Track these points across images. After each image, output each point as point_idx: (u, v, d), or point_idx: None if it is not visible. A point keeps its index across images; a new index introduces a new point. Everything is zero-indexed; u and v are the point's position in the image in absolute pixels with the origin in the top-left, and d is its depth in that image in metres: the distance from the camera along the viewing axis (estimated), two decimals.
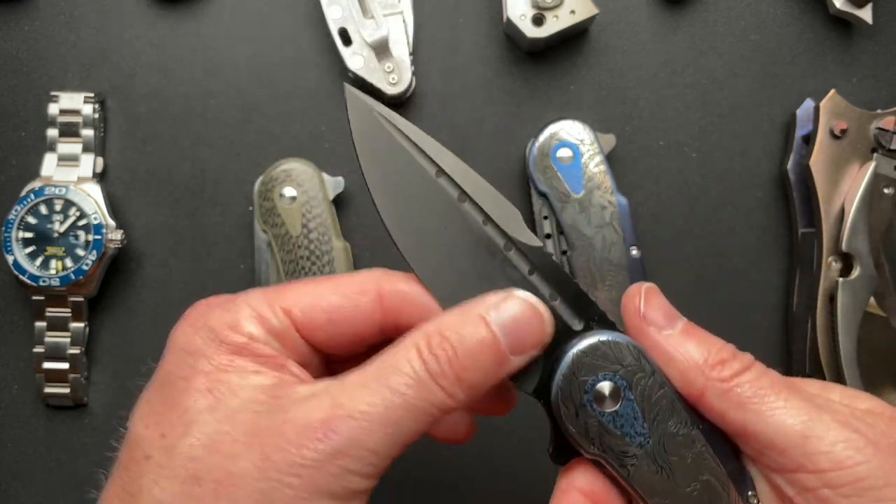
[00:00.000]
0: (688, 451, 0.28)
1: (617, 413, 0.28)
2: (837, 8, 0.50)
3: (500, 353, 0.28)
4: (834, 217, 0.48)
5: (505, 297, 0.29)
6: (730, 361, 0.29)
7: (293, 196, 0.48)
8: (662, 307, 0.30)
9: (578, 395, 0.29)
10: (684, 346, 0.29)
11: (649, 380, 0.29)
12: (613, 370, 0.29)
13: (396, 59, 0.49)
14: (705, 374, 0.28)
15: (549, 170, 0.48)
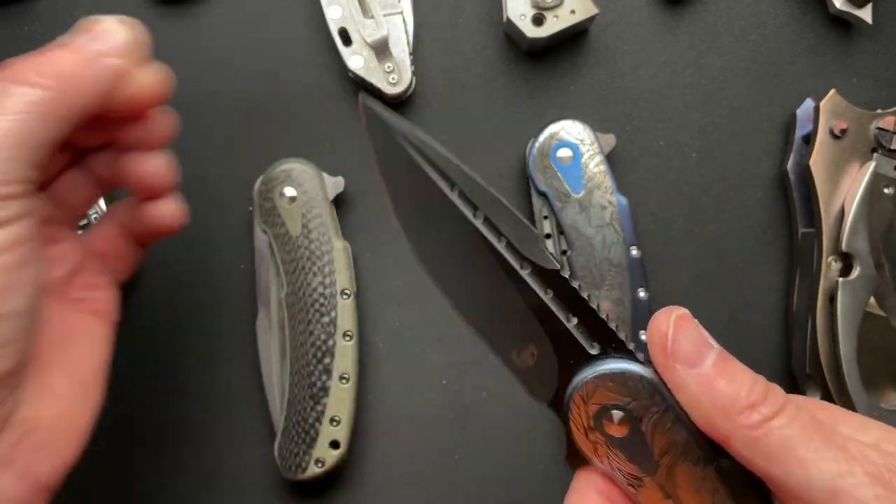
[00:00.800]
0: (698, 486, 0.28)
1: (626, 440, 0.28)
2: (837, 8, 0.50)
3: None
4: (834, 217, 0.48)
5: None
6: (760, 405, 0.27)
7: (293, 196, 0.48)
8: (692, 339, 0.28)
9: (587, 420, 0.29)
10: (712, 387, 0.27)
11: (663, 416, 0.28)
12: (625, 402, 0.28)
13: (396, 59, 0.49)
14: (732, 419, 0.27)
15: (549, 170, 0.48)
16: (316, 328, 0.47)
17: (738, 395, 0.27)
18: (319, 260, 0.48)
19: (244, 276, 0.51)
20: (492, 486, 0.50)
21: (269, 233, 0.48)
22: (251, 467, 0.50)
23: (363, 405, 0.50)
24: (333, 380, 0.47)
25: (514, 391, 0.50)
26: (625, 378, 0.28)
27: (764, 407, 0.27)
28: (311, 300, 0.47)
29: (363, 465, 0.50)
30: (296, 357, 0.47)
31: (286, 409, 0.47)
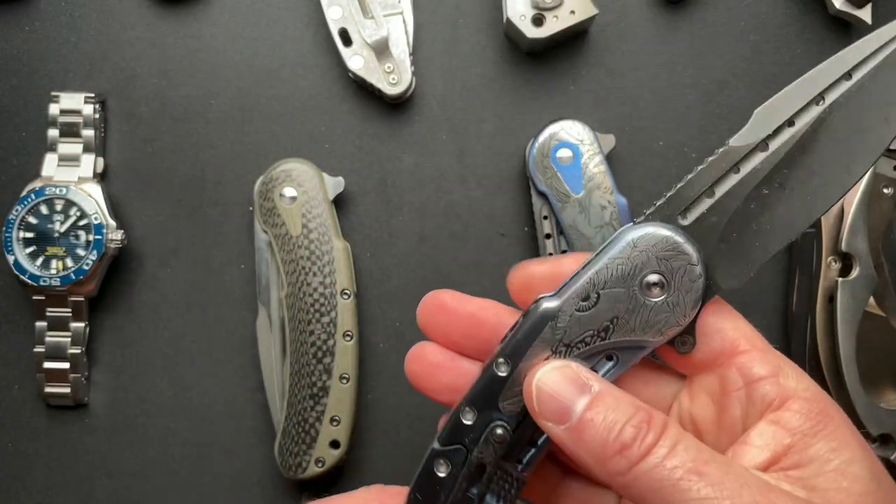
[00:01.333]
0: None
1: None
2: (837, 8, 0.50)
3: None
4: (833, 217, 0.48)
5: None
6: (630, 447, 0.27)
7: (293, 196, 0.48)
8: (559, 393, 0.28)
9: None
10: (585, 437, 0.27)
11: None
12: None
13: (396, 59, 0.49)
14: (605, 466, 0.27)
15: (549, 170, 0.48)
16: (316, 328, 0.47)
17: (606, 441, 0.27)
18: (319, 260, 0.48)
19: (244, 276, 0.51)
20: None
21: (269, 233, 0.48)
22: (251, 467, 0.50)
23: (363, 405, 0.50)
24: (333, 380, 0.47)
25: None
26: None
27: (636, 446, 0.27)
28: (311, 300, 0.47)
29: (363, 465, 0.50)
30: (296, 357, 0.47)
31: (286, 409, 0.47)
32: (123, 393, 0.51)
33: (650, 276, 0.29)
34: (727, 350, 0.30)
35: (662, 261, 0.29)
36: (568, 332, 0.29)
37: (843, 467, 0.27)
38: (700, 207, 0.31)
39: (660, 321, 0.29)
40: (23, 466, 0.50)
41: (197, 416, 0.50)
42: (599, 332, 0.29)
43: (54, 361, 0.49)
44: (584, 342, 0.29)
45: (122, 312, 0.51)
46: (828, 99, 0.29)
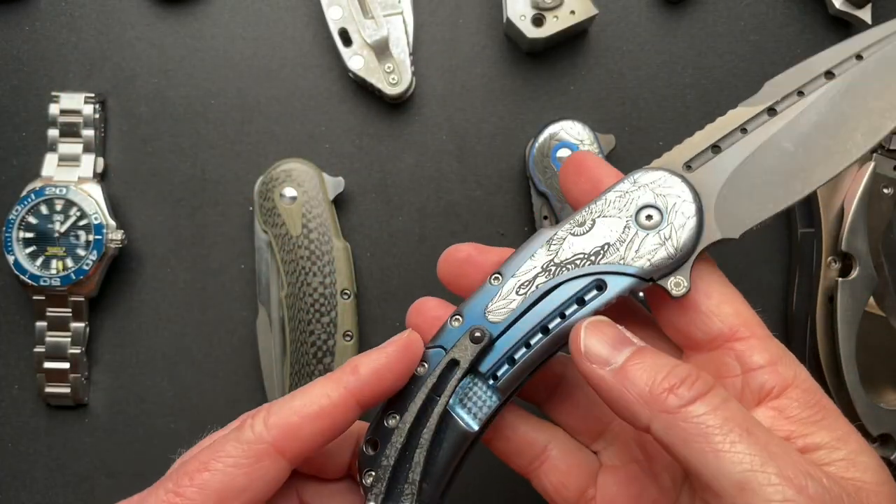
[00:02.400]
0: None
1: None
2: (837, 8, 0.50)
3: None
4: (833, 217, 0.48)
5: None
6: (679, 388, 0.27)
7: (293, 196, 0.48)
8: (605, 340, 0.29)
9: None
10: (627, 377, 0.28)
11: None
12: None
13: (396, 59, 0.49)
14: (650, 404, 0.27)
15: (549, 170, 0.48)
16: (316, 328, 0.47)
17: (655, 380, 0.27)
18: (319, 260, 0.48)
19: (244, 276, 0.51)
20: (492, 486, 0.50)
21: (270, 233, 0.48)
22: None
23: None
24: None
25: None
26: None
27: (685, 389, 0.27)
28: (311, 300, 0.47)
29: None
30: (296, 357, 0.47)
31: None
32: (123, 393, 0.51)
33: (645, 209, 0.30)
34: (725, 334, 0.30)
35: (659, 196, 0.30)
36: (560, 253, 0.30)
37: (853, 457, 0.27)
38: (704, 159, 0.31)
39: (650, 252, 0.30)
40: (23, 466, 0.50)
41: (197, 416, 0.50)
42: (589, 256, 0.30)
43: (54, 361, 0.49)
44: (574, 263, 0.30)
45: (122, 312, 0.51)
46: (837, 75, 0.30)
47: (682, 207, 0.30)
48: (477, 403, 0.30)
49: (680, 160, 0.31)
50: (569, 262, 0.30)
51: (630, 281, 0.30)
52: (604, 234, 0.30)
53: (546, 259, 0.30)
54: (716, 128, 0.32)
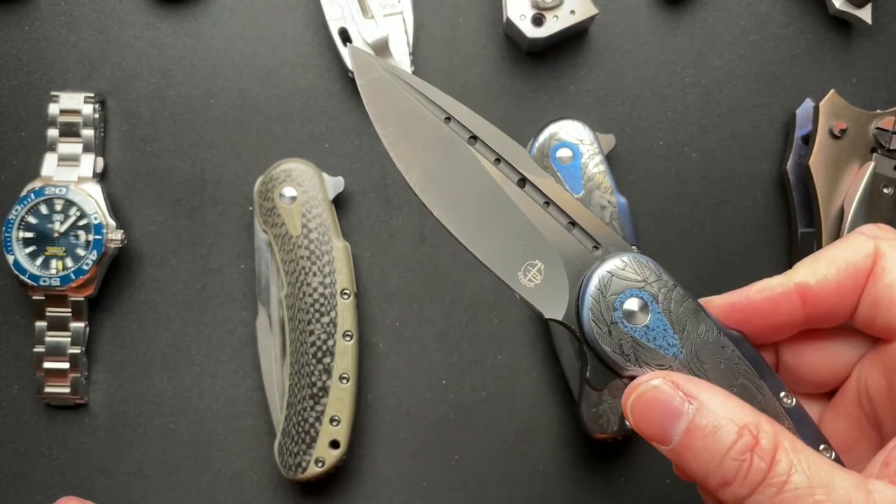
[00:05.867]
0: (720, 357, 0.29)
1: (648, 327, 0.29)
2: (837, 8, 0.50)
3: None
4: (833, 217, 0.48)
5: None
6: (730, 484, 0.26)
7: (293, 196, 0.48)
8: (655, 417, 0.28)
9: (609, 314, 0.29)
10: (685, 462, 0.27)
11: (672, 292, 0.29)
12: (639, 286, 0.29)
13: (396, 60, 0.49)
14: (718, 497, 0.26)
15: (549, 170, 0.48)
16: (316, 328, 0.47)
17: (708, 473, 0.26)
18: (319, 260, 0.48)
19: (244, 276, 0.51)
20: (492, 486, 0.50)
21: (269, 232, 0.48)
22: (251, 467, 0.50)
23: (363, 405, 0.50)
24: (333, 380, 0.47)
25: (513, 391, 0.50)
26: (634, 264, 0.29)
27: (736, 486, 0.26)
28: (311, 300, 0.47)
29: (363, 464, 0.50)
30: (296, 357, 0.47)
31: (286, 409, 0.47)
32: (123, 393, 0.51)
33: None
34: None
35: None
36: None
37: None
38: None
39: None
40: (23, 466, 0.50)
41: (197, 416, 0.50)
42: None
43: (54, 361, 0.49)
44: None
45: (122, 312, 0.51)
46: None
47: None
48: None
49: None
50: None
51: None
52: None
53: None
54: None
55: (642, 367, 0.29)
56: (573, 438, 0.50)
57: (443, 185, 0.30)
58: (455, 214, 0.30)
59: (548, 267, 0.30)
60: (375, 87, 0.31)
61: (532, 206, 0.30)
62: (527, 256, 0.30)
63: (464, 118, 0.31)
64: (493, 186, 0.30)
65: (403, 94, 0.31)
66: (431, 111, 0.31)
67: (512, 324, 0.51)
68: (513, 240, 0.30)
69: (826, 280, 0.29)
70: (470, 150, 0.31)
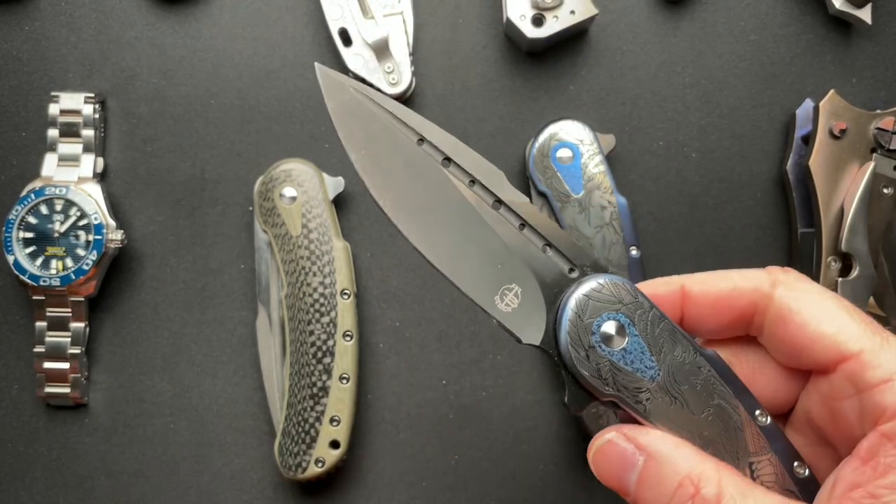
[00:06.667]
0: (696, 377, 0.29)
1: (625, 350, 0.29)
2: (837, 8, 0.50)
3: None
4: (833, 217, 0.48)
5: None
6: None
7: (293, 196, 0.48)
8: (612, 470, 0.29)
9: (587, 338, 0.29)
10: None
11: (648, 314, 0.29)
12: (615, 309, 0.29)
13: (396, 60, 0.49)
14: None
15: (549, 170, 0.48)
16: (316, 328, 0.47)
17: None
18: (319, 260, 0.48)
19: (244, 276, 0.51)
20: (492, 486, 0.50)
21: (269, 232, 0.48)
22: (251, 467, 0.50)
23: (363, 405, 0.50)
24: (333, 380, 0.47)
25: (513, 391, 0.50)
26: (610, 286, 0.29)
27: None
28: (311, 300, 0.47)
29: (363, 464, 0.50)
30: (296, 357, 0.47)
31: (286, 409, 0.47)
32: (123, 393, 0.51)
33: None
34: (833, 358, 0.28)
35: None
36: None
37: None
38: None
39: None
40: (23, 466, 0.50)
41: (197, 416, 0.50)
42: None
43: (54, 361, 0.49)
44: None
45: (122, 312, 0.51)
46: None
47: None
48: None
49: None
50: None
51: None
52: None
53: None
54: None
55: (620, 391, 0.29)
56: (573, 438, 0.50)
57: (416, 209, 0.30)
58: (430, 239, 0.30)
59: (524, 290, 0.30)
60: (346, 109, 0.31)
61: (508, 229, 0.30)
62: (503, 280, 0.30)
63: (437, 140, 0.30)
64: (467, 209, 0.30)
65: (375, 116, 0.31)
66: (404, 133, 0.31)
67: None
68: (489, 264, 0.30)
69: (706, 293, 0.31)
70: (444, 172, 0.30)
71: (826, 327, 0.28)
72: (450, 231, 0.30)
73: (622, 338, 0.29)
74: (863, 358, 0.28)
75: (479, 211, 0.30)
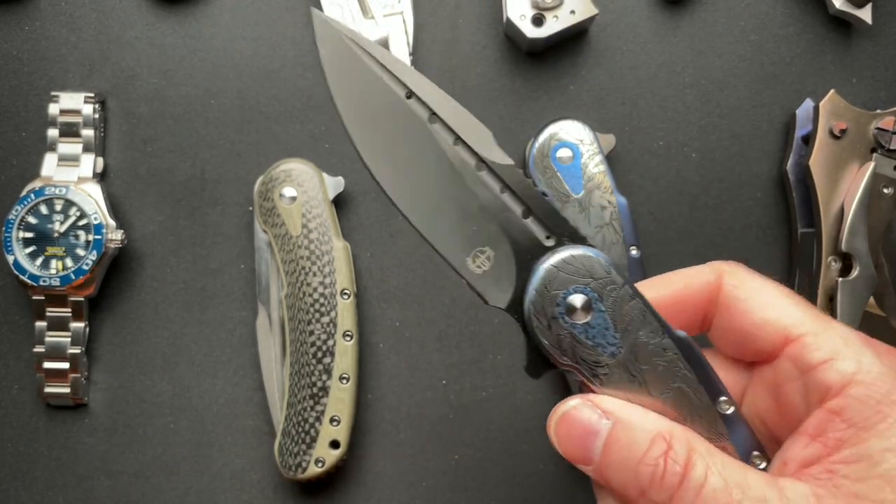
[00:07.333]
0: (660, 359, 0.29)
1: (588, 325, 0.29)
2: (837, 8, 0.50)
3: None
4: (833, 217, 0.48)
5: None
6: (648, 492, 0.27)
7: (293, 196, 0.48)
8: (574, 439, 0.29)
9: (550, 309, 0.29)
10: (607, 480, 0.28)
11: (620, 291, 0.29)
12: (584, 283, 0.29)
13: None
14: (647, 501, 0.27)
15: (549, 170, 0.48)
16: (316, 328, 0.47)
17: (626, 485, 0.27)
18: (319, 260, 0.48)
19: (244, 276, 0.51)
20: (492, 486, 0.50)
21: (269, 232, 0.48)
22: (251, 467, 0.50)
23: (363, 405, 0.50)
24: (333, 380, 0.47)
25: (513, 391, 0.50)
26: (583, 260, 0.29)
27: (654, 492, 0.27)
28: (311, 300, 0.47)
29: (363, 464, 0.50)
30: (296, 357, 0.47)
31: (286, 409, 0.47)
32: (123, 393, 0.51)
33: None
34: (779, 342, 0.29)
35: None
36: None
37: (893, 473, 0.26)
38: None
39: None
40: (23, 466, 0.50)
41: (197, 416, 0.50)
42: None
43: (54, 361, 0.49)
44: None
45: (122, 312, 0.51)
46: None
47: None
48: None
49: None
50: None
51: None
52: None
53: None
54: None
55: (578, 363, 0.29)
56: None
57: (398, 164, 0.30)
58: (408, 194, 0.30)
59: (497, 254, 0.30)
60: (337, 57, 0.30)
61: (487, 192, 0.30)
62: (476, 242, 0.30)
63: (426, 95, 0.30)
64: (448, 168, 0.30)
65: (366, 68, 0.30)
66: (393, 86, 0.30)
67: (512, 324, 0.51)
68: (464, 224, 0.29)
69: (663, 297, 0.31)
70: (428, 128, 0.30)
71: (770, 313, 0.29)
72: (428, 188, 0.30)
73: (587, 312, 0.29)
74: (806, 340, 0.28)
75: (460, 171, 0.30)
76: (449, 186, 0.30)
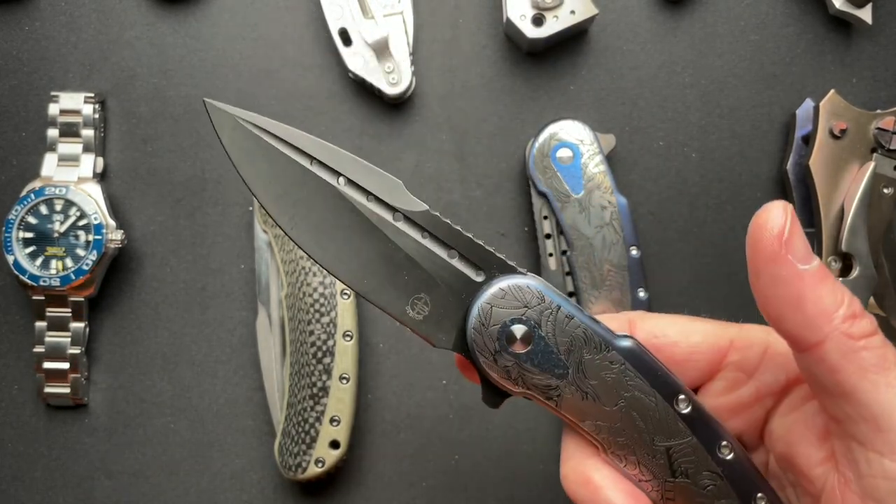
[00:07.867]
0: (608, 372, 0.29)
1: (531, 352, 0.29)
2: (837, 8, 0.50)
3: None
4: (833, 217, 0.48)
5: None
6: (860, 319, 0.27)
7: None
8: (803, 237, 0.28)
9: (491, 344, 0.29)
10: (818, 288, 0.27)
11: (557, 314, 0.29)
12: (520, 313, 0.29)
13: (396, 60, 0.49)
14: (834, 325, 0.26)
15: (549, 170, 0.48)
16: (316, 328, 0.47)
17: (843, 303, 0.27)
18: None
19: (244, 276, 0.51)
20: (492, 486, 0.50)
21: (270, 233, 0.48)
22: (251, 467, 0.50)
23: (363, 405, 0.50)
24: (333, 380, 0.47)
25: None
26: (514, 290, 0.29)
27: (864, 322, 0.27)
28: (311, 300, 0.47)
29: (363, 464, 0.50)
30: (296, 357, 0.47)
31: (286, 409, 0.47)
32: (123, 393, 0.51)
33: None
34: (714, 359, 0.32)
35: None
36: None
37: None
38: None
39: None
40: (23, 466, 0.50)
41: (197, 416, 0.50)
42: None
43: (54, 361, 0.49)
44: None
45: (122, 312, 0.51)
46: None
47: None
48: None
49: None
50: None
51: None
52: None
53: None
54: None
55: (530, 389, 0.29)
56: None
57: (319, 230, 0.30)
58: (335, 257, 0.30)
59: (433, 299, 0.30)
60: (240, 142, 0.31)
61: (409, 240, 0.30)
62: (411, 290, 0.30)
63: (329, 159, 0.30)
64: (367, 225, 0.30)
65: (267, 145, 0.31)
66: (296, 157, 0.31)
67: None
68: (396, 275, 0.30)
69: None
70: (340, 191, 0.30)
71: (694, 338, 0.31)
72: (353, 248, 0.30)
73: (527, 341, 0.29)
74: (737, 345, 0.31)
75: (378, 226, 0.30)
76: (372, 242, 0.30)
